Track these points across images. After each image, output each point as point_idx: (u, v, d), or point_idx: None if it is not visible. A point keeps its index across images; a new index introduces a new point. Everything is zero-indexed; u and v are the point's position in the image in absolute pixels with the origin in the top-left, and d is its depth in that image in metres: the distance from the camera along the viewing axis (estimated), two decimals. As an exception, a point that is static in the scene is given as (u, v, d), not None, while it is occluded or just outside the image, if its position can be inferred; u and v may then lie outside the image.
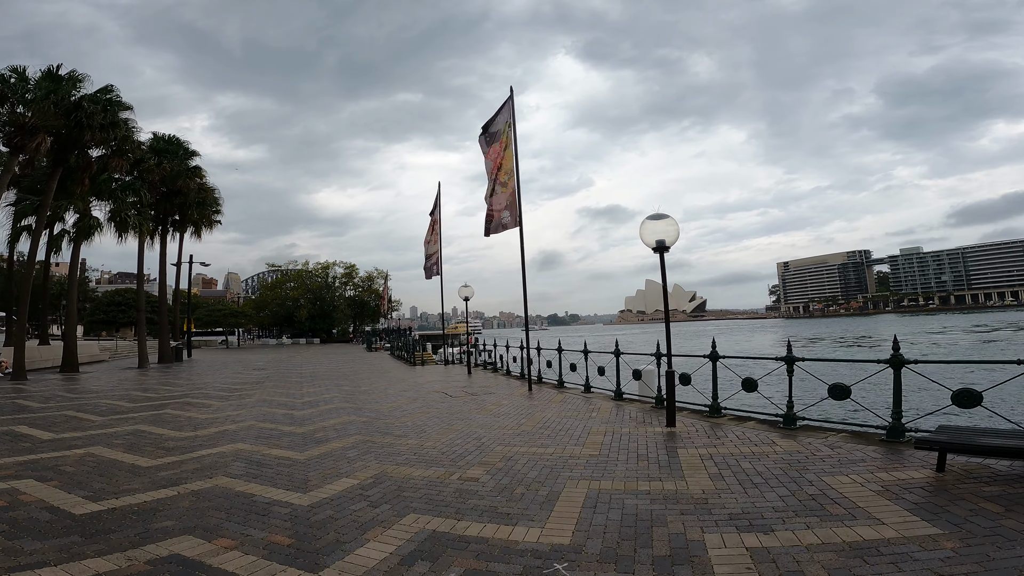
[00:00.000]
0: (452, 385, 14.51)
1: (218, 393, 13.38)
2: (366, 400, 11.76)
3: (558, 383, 13.53)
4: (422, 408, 10.50)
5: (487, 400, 11.44)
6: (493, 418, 9.22)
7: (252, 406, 11.02)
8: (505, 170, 13.43)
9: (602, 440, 7.22)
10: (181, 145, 29.79)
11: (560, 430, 8.01)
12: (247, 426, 8.75)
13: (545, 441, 7.27)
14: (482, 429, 8.24)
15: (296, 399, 12.04)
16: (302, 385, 15.00)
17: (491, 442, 7.28)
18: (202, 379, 17.60)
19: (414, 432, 8.06)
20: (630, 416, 9.04)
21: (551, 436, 7.58)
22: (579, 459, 6.27)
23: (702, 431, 7.56)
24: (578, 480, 5.42)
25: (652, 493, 4.94)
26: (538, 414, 9.54)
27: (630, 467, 5.88)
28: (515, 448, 6.89)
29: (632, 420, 8.68)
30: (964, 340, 51.52)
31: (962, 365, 20.20)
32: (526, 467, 5.98)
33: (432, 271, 23.71)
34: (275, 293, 68.63)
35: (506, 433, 7.89)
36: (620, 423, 8.46)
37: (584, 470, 5.80)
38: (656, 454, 6.41)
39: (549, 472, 5.77)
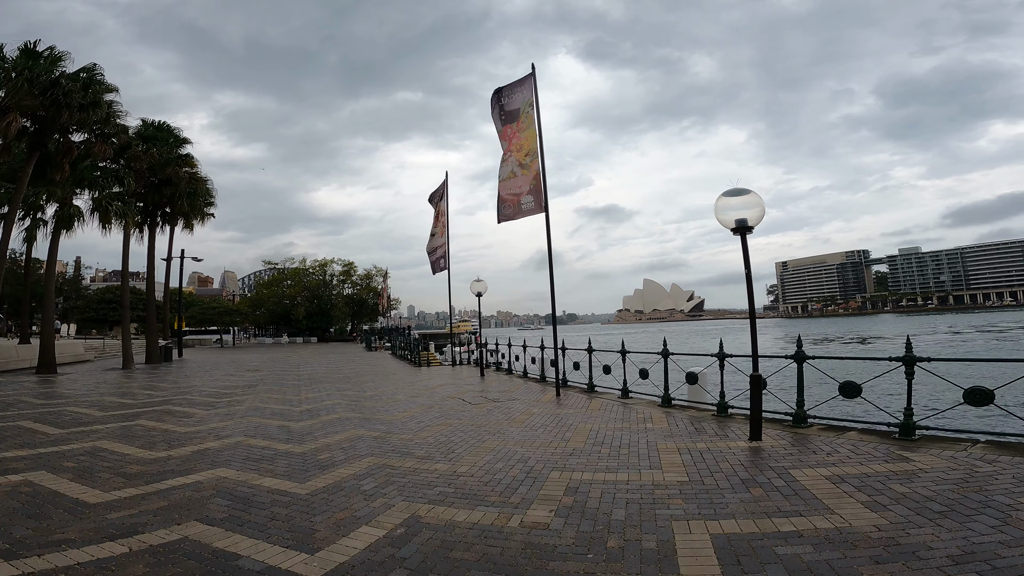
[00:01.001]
0: (467, 389, 12.97)
1: (204, 399, 11.81)
2: (374, 408, 10.23)
3: (588, 387, 12.03)
4: (441, 418, 8.96)
5: (513, 408, 9.91)
6: (530, 432, 7.69)
7: (242, 416, 9.46)
8: (527, 151, 11.88)
9: (681, 460, 5.79)
10: (171, 132, 28.14)
11: (619, 447, 6.53)
12: (234, 443, 7.20)
13: (609, 463, 5.78)
14: (522, 447, 6.72)
15: (293, 407, 10.49)
16: (300, 390, 13.43)
17: (541, 465, 5.76)
18: (189, 382, 16.01)
19: (440, 452, 6.52)
20: (695, 427, 7.56)
21: (613, 456, 6.10)
22: (668, 488, 4.86)
23: (795, 445, 6.25)
24: (687, 520, 4.04)
25: (806, 535, 3.59)
26: (581, 425, 8.03)
27: (744, 497, 4.52)
28: (577, 474, 5.39)
29: (701, 432, 7.20)
30: (980, 339, 50.30)
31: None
32: (604, 503, 4.52)
33: (438, 265, 22.17)
34: (272, 291, 66.91)
35: (554, 452, 6.38)
36: (688, 436, 6.98)
37: (685, 504, 4.41)
38: (765, 478, 5.03)
39: (639, 509, 4.33)
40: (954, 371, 14.13)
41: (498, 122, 12.56)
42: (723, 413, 8.47)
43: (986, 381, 6.26)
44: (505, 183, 12.25)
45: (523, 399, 11.09)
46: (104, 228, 23.25)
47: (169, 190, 27.50)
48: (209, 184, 30.52)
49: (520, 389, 12.77)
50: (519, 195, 12.10)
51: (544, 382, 14.11)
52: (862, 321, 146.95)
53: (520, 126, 12.06)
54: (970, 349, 41.99)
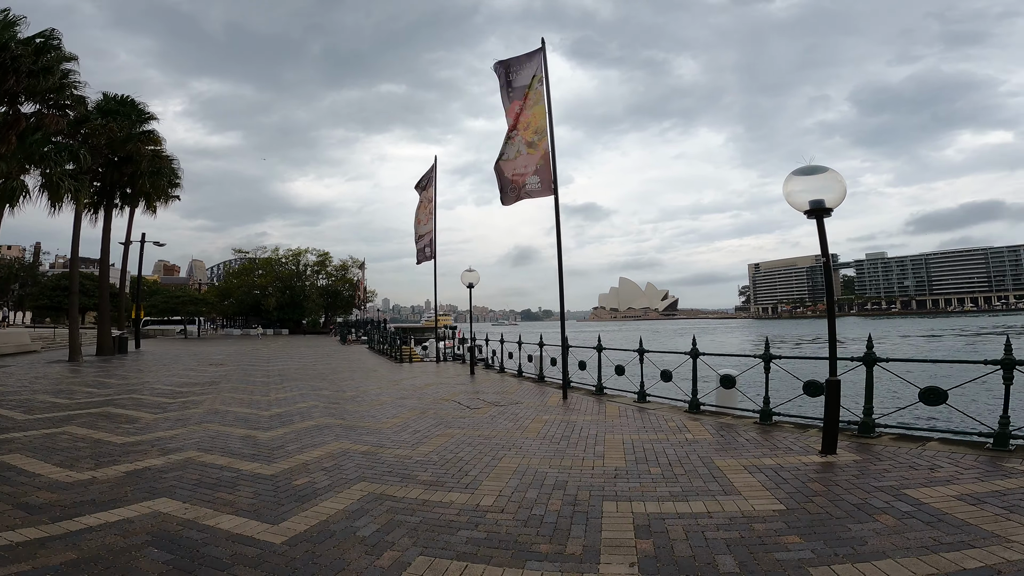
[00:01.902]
0: (459, 390, 11.61)
1: (155, 399, 10.19)
2: (358, 413, 8.79)
3: (596, 389, 10.82)
4: (439, 427, 7.60)
5: (520, 414, 8.61)
6: (552, 445, 6.41)
7: (198, 422, 7.93)
8: (535, 129, 10.65)
9: (757, 482, 4.78)
10: (135, 107, 25.91)
11: (670, 464, 5.41)
12: (183, 460, 5.72)
13: (670, 488, 4.64)
14: (551, 466, 5.45)
15: (261, 410, 8.98)
16: (269, 388, 11.86)
17: (585, 492, 4.53)
18: (141, 377, 14.24)
19: (451, 475, 5.17)
20: (744, 438, 6.46)
21: (669, 477, 4.96)
22: (767, 521, 3.84)
23: (879, 458, 5.39)
24: (830, 566, 3.08)
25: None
26: (609, 436, 6.81)
27: (877, 528, 3.62)
28: (638, 505, 4.21)
29: (756, 444, 6.13)
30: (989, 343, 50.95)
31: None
32: (698, 547, 3.42)
33: (424, 254, 20.73)
34: (241, 280, 64.06)
35: (593, 473, 5.16)
36: (745, 449, 5.92)
37: (807, 543, 3.44)
38: (882, 501, 4.17)
39: (749, 555, 3.36)
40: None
41: (505, 99, 11.27)
42: (767, 421, 7.46)
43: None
44: (510, 163, 10.97)
45: (527, 402, 9.79)
46: (54, 207, 21.12)
47: (130, 168, 25.36)
48: (175, 163, 28.34)
49: (519, 390, 11.47)
50: (524, 175, 10.84)
51: (542, 382, 12.86)
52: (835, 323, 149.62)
53: (528, 102, 10.84)
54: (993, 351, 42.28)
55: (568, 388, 10.97)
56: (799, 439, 6.44)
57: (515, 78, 11.12)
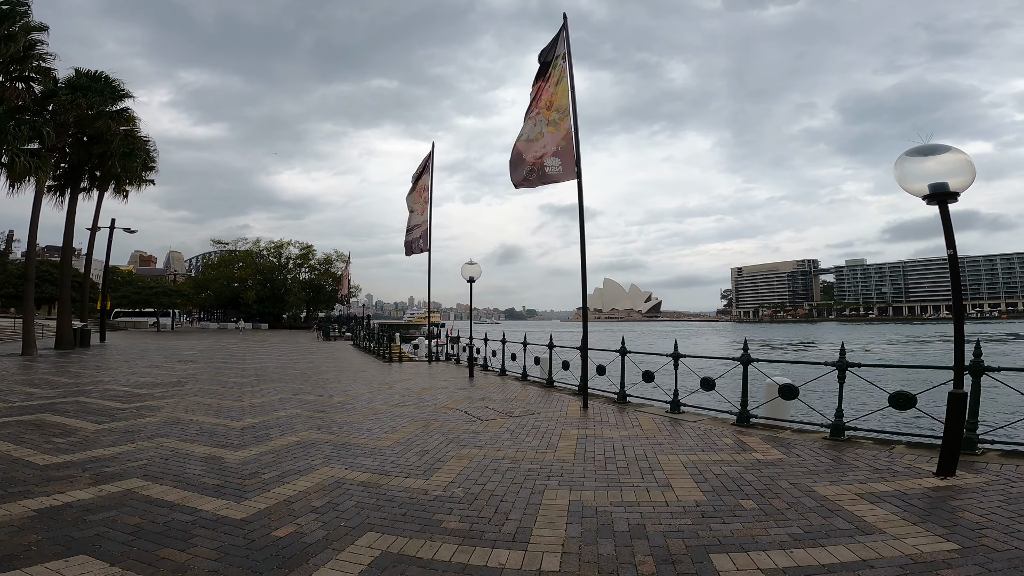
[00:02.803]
0: (462, 396, 10.27)
1: (105, 403, 8.68)
2: (348, 424, 7.41)
3: (618, 397, 9.60)
4: (449, 444, 6.28)
5: (542, 427, 7.32)
6: (597, 471, 5.21)
7: (151, 435, 6.50)
8: (557, 108, 9.53)
9: (888, 515, 3.82)
10: (109, 83, 23.97)
11: (763, 495, 4.40)
12: (121, 493, 4.34)
13: (789, 530, 3.71)
14: (611, 503, 4.28)
15: (232, 419, 7.54)
16: (243, 391, 10.39)
17: (679, 541, 3.37)
18: (97, 375, 12.64)
19: (486, 519, 3.88)
20: (828, 458, 5.33)
21: (773, 514, 4.04)
22: (951, 565, 3.04)
23: (1011, 481, 4.44)
24: None
25: None
26: (663, 458, 5.71)
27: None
28: (767, 558, 3.10)
29: (848, 467, 5.17)
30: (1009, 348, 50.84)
31: None
32: None
33: (415, 246, 19.31)
34: (220, 272, 61.77)
35: (674, 513, 4.06)
36: (840, 473, 5.01)
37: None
38: None
39: None
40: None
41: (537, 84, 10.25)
42: (839, 436, 6.47)
43: None
44: (530, 144, 9.83)
45: (543, 413, 8.50)
46: (12, 187, 19.34)
47: (99, 148, 23.54)
48: (150, 146, 26.50)
49: (529, 397, 10.17)
50: (543, 156, 9.61)
51: (551, 387, 11.62)
52: (809, 328, 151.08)
53: (551, 80, 9.81)
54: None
55: (588, 396, 9.74)
56: (894, 458, 5.47)
57: (543, 60, 10.16)
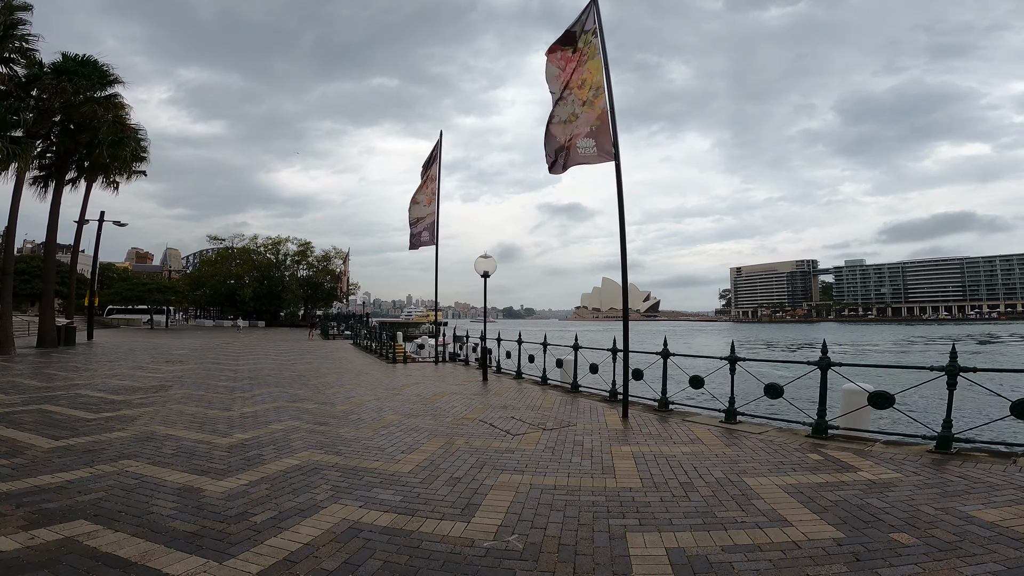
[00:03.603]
0: (480, 404, 9.12)
1: (72, 412, 7.50)
2: (357, 441, 6.23)
3: (659, 405, 8.51)
4: (484, 469, 5.13)
5: (585, 443, 6.19)
6: (684, 502, 4.16)
7: (116, 455, 5.33)
8: (590, 85, 8.50)
9: None
10: (97, 67, 22.66)
11: (913, 525, 3.24)
12: (58, 543, 3.20)
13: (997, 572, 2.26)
14: (721, 546, 3.13)
15: (218, 435, 6.37)
16: (233, 398, 9.21)
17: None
18: (74, 378, 11.44)
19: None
20: (957, 476, 4.12)
21: (944, 548, 2.74)
22: None
23: None
24: None
25: None
26: (752, 481, 4.73)
27: None
28: None
29: (986, 486, 3.81)
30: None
31: None
32: None
33: (420, 239, 18.17)
34: (215, 269, 60.40)
35: (814, 558, 2.76)
36: (975, 494, 3.77)
37: None
38: None
39: None
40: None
41: (555, 65, 9.13)
42: (946, 449, 5.60)
43: None
44: (565, 126, 8.74)
45: (580, 424, 7.36)
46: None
47: (87, 136, 22.29)
48: (141, 135, 25.26)
49: (555, 404, 9.02)
50: (575, 137, 8.57)
51: (576, 393, 10.50)
52: (808, 328, 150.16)
53: (581, 56, 8.75)
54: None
55: (619, 403, 8.61)
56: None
57: (564, 36, 9.03)
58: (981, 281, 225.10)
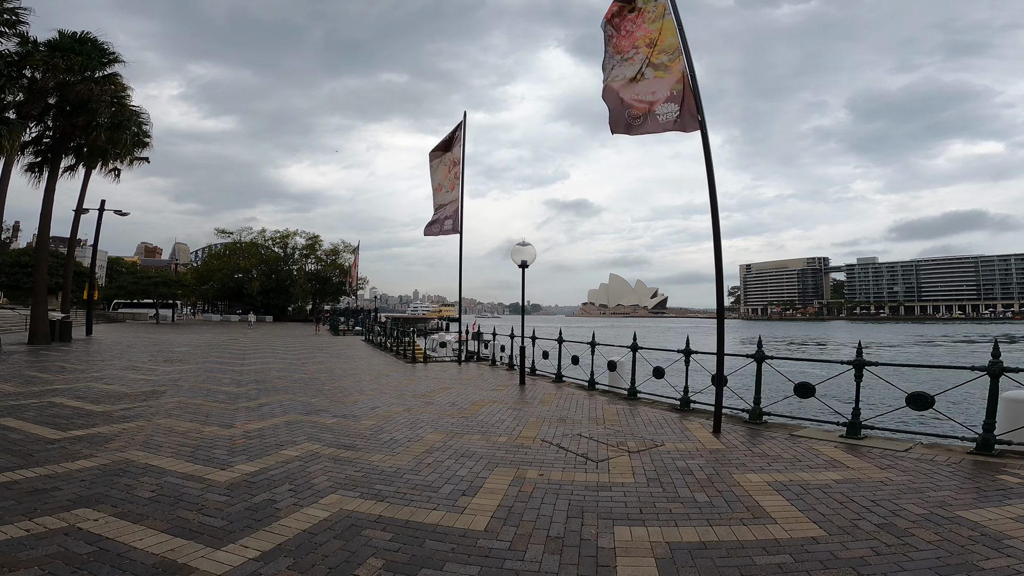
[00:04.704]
0: (529, 414, 7.59)
1: (31, 431, 6.01)
2: (397, 476, 4.70)
3: (750, 415, 7.06)
4: (586, 516, 3.63)
5: (700, 471, 4.68)
6: (914, 555, 2.47)
7: (68, 501, 3.81)
8: (661, 48, 7.21)
9: None
10: (96, 45, 21.22)
11: None
12: None
13: None
14: None
15: (214, 465, 4.84)
16: (236, 408, 7.70)
17: None
18: (55, 381, 9.99)
19: None
20: None
21: None
22: None
23: None
24: None
25: None
26: (965, 513, 2.98)
27: None
28: None
29: None
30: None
31: None
32: None
33: (442, 227, 16.64)
34: (223, 263, 59.16)
35: None
36: None
37: None
38: None
39: None
40: None
41: (613, 30, 7.82)
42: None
43: None
44: (628, 85, 7.44)
45: (668, 442, 5.86)
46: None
47: (84, 118, 20.82)
48: (143, 118, 23.83)
49: (619, 417, 7.47)
50: (652, 103, 7.22)
51: (635, 400, 9.00)
52: (820, 326, 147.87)
53: (643, 16, 7.54)
54: None
55: (692, 412, 7.11)
56: None
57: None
58: (996, 280, 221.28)
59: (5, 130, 15.77)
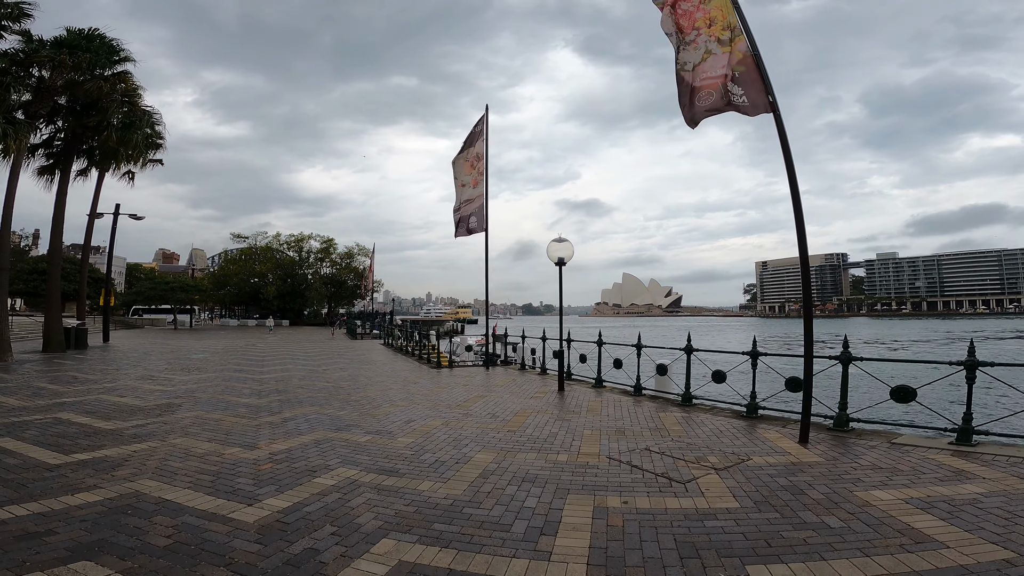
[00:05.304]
0: (576, 425, 6.79)
1: (34, 456, 5.33)
2: (454, 510, 3.92)
3: (835, 421, 6.27)
4: (697, 553, 2.80)
5: (811, 489, 3.93)
6: None
7: (67, 549, 3.08)
8: (722, 25, 6.66)
9: None
10: (105, 42, 20.76)
11: None
12: None
13: None
14: None
15: (240, 495, 4.09)
16: (259, 424, 6.97)
17: None
18: (66, 393, 9.37)
19: None
20: None
21: None
22: None
23: None
24: None
25: None
26: None
27: None
28: None
29: None
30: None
31: None
32: None
33: (468, 226, 15.95)
34: (239, 267, 59.05)
35: None
36: None
37: None
38: None
39: None
40: None
41: (668, 19, 7.22)
42: None
43: None
44: (696, 71, 6.81)
45: (754, 456, 5.03)
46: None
47: (95, 118, 20.38)
48: (156, 118, 23.37)
49: (681, 426, 6.64)
50: (722, 79, 6.55)
51: (690, 406, 8.20)
52: (847, 323, 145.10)
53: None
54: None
55: (759, 419, 6.28)
56: None
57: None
58: (1020, 273, 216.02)
59: (11, 130, 15.25)
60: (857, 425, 6.62)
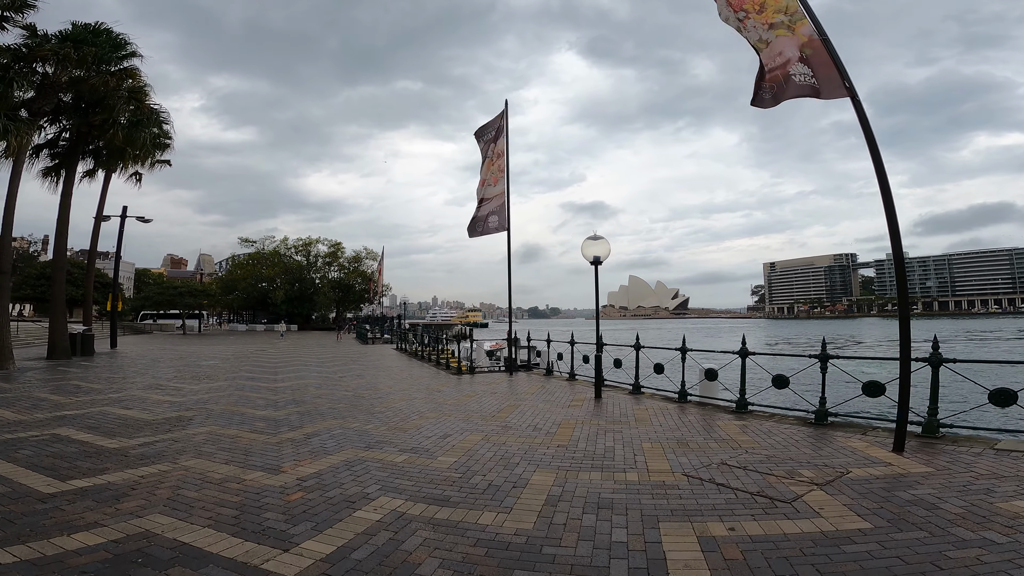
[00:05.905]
0: (630, 436, 6.06)
1: (24, 483, 4.66)
2: (533, 549, 3.20)
3: (924, 428, 5.66)
4: None
5: (941, 504, 3.26)
6: None
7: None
8: (775, 8, 6.25)
9: None
10: (111, 37, 20.19)
11: None
12: None
13: None
14: None
15: (270, 537, 3.39)
16: (280, 443, 6.24)
17: None
18: (67, 404, 8.72)
19: None
20: None
21: None
22: None
23: None
24: None
25: None
26: None
27: None
28: None
29: None
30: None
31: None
32: None
33: (486, 224, 15.31)
34: (247, 271, 58.66)
35: None
36: None
37: None
38: None
39: None
40: None
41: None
42: None
43: None
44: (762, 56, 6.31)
45: (851, 468, 4.27)
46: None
47: (100, 116, 19.80)
48: (163, 116, 22.86)
49: (746, 434, 5.90)
50: (786, 64, 6.12)
51: (746, 413, 7.52)
52: (858, 324, 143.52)
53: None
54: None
55: (829, 427, 5.55)
56: None
57: None
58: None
59: (13, 127, 14.69)
60: (948, 431, 5.95)
